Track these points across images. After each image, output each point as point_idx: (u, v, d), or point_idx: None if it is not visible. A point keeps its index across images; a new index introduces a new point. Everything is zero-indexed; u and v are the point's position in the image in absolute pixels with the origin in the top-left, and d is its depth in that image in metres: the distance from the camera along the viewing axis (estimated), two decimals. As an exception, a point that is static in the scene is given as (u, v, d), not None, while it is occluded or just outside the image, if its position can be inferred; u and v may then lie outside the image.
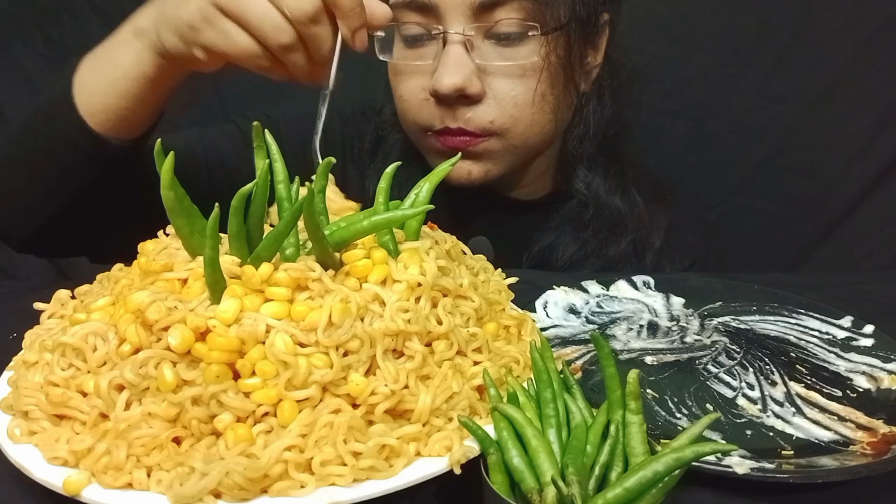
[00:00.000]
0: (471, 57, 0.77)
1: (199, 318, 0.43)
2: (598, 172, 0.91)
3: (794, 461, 0.50)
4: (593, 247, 0.90)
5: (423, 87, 0.81)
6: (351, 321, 0.45)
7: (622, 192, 0.92)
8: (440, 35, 0.78)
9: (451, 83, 0.76)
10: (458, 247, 0.58)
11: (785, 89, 1.18)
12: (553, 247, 0.91)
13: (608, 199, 0.91)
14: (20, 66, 1.27)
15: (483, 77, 0.78)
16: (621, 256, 0.91)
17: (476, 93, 0.78)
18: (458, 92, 0.77)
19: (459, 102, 0.79)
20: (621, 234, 0.91)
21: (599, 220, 0.91)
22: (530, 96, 0.80)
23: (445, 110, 0.80)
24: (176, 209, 0.48)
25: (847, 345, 0.66)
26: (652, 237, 0.93)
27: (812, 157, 1.21)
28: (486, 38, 0.78)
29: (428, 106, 0.81)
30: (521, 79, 0.79)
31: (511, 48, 0.78)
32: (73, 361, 0.47)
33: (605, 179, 0.91)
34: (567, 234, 0.91)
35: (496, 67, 0.79)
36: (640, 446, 0.41)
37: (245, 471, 0.40)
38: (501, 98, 0.79)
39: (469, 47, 0.77)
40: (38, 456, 0.44)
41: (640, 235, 0.92)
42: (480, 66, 0.78)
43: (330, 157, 0.53)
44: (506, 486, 0.40)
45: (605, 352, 0.45)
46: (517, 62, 0.78)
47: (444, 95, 0.78)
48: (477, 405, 0.48)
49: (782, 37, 1.16)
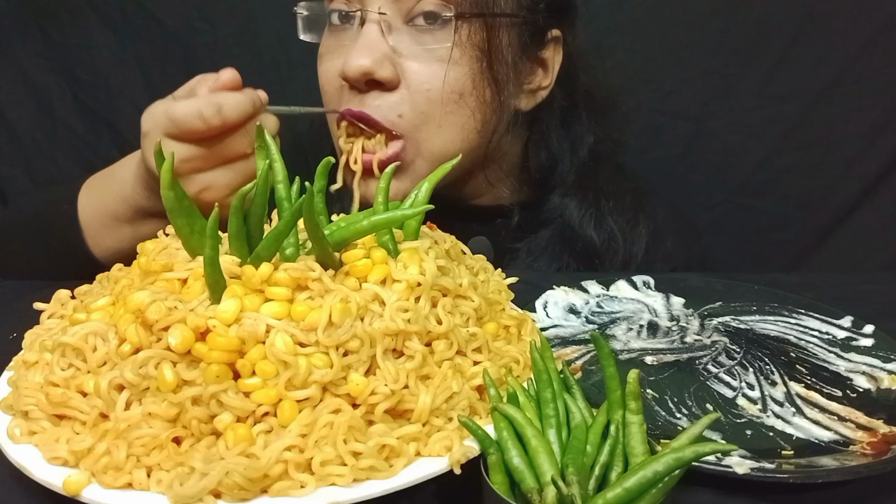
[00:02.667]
0: (385, 39, 0.72)
1: (199, 318, 0.43)
2: (572, 201, 0.88)
3: (794, 461, 0.50)
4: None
5: (338, 73, 0.75)
6: (351, 321, 0.45)
7: (597, 223, 0.88)
8: (357, 14, 0.73)
9: (357, 64, 0.71)
10: (457, 247, 0.58)
11: (785, 89, 1.18)
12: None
13: (581, 230, 0.87)
14: (20, 66, 1.27)
15: (398, 64, 0.73)
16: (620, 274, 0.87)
17: (387, 78, 0.72)
18: (366, 76, 0.72)
19: (372, 89, 0.74)
20: (595, 267, 0.87)
21: (572, 251, 0.87)
22: (443, 92, 0.74)
23: (356, 95, 0.74)
24: (176, 209, 0.48)
25: (847, 345, 0.66)
26: (633, 249, 0.89)
27: (812, 157, 1.21)
28: (405, 23, 0.74)
29: (341, 93, 0.76)
30: (436, 70, 0.74)
31: (428, 35, 0.74)
32: (73, 361, 0.47)
33: (579, 209, 0.87)
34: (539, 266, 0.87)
35: (412, 52, 0.73)
36: (640, 446, 0.41)
37: (245, 471, 0.40)
38: (414, 89, 0.74)
39: (386, 30, 0.72)
40: (38, 456, 0.44)
41: (615, 264, 0.88)
42: (396, 49, 0.73)
43: (329, 157, 0.53)
44: (506, 486, 0.40)
45: (605, 352, 0.45)
46: (436, 48, 0.73)
47: (352, 79, 0.72)
48: (477, 405, 0.48)
49: (782, 37, 1.16)
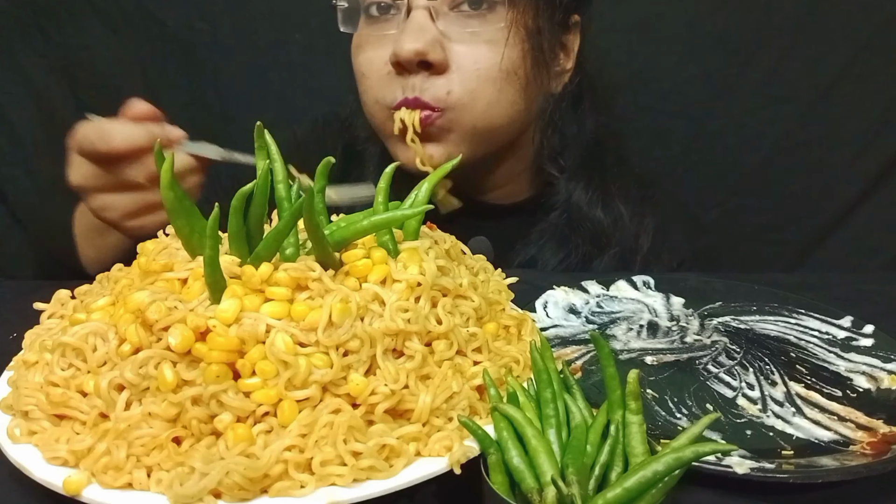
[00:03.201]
0: (435, 24, 0.75)
1: (200, 318, 0.43)
2: (579, 184, 0.88)
3: (794, 461, 0.50)
4: (576, 260, 0.88)
5: (384, 61, 0.77)
6: (351, 321, 0.45)
7: (604, 204, 0.89)
8: (404, 3, 0.75)
9: (412, 47, 0.73)
10: (457, 246, 0.58)
11: (785, 89, 1.18)
12: (534, 260, 0.88)
13: (589, 211, 0.88)
14: (20, 66, 1.27)
15: (447, 47, 0.75)
16: (606, 269, 0.88)
17: (438, 60, 0.74)
18: (419, 57, 0.74)
19: (421, 72, 0.76)
20: (605, 248, 0.88)
21: (581, 233, 0.88)
22: (495, 71, 0.76)
23: (405, 81, 0.76)
24: (176, 209, 0.48)
25: (847, 345, 0.66)
26: (639, 241, 0.90)
27: (812, 157, 1.21)
28: (451, 9, 0.76)
29: (389, 80, 0.78)
30: (486, 51, 0.76)
31: (477, 19, 0.76)
32: (73, 361, 0.47)
33: (586, 192, 0.88)
34: (548, 248, 0.88)
35: (461, 35, 0.76)
36: (640, 446, 0.41)
37: (245, 471, 0.40)
38: (465, 70, 0.76)
39: (434, 15, 0.75)
40: (38, 456, 0.44)
41: (624, 247, 0.89)
42: (445, 33, 0.75)
43: (329, 157, 0.53)
44: (506, 486, 0.40)
45: (605, 352, 0.45)
46: (482, 31, 0.76)
47: (405, 61, 0.74)
48: (477, 405, 0.48)
49: (782, 37, 1.16)
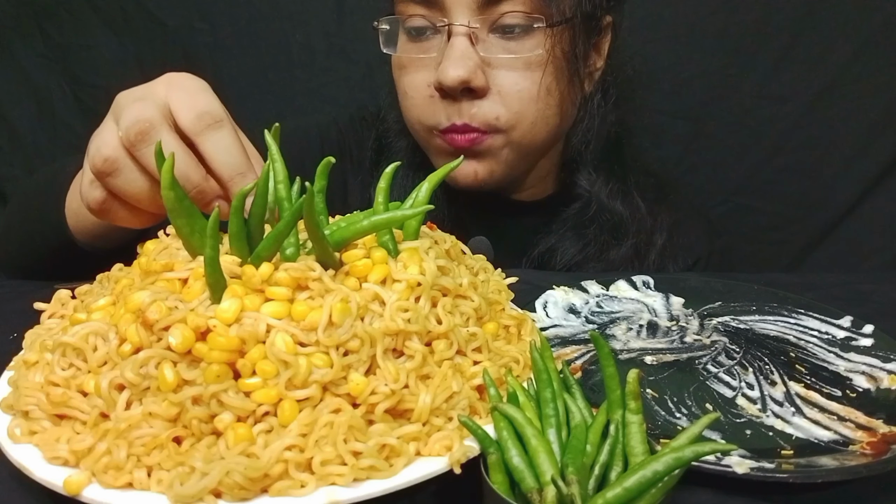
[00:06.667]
0: (475, 50, 0.77)
1: (200, 318, 0.43)
2: (600, 176, 0.91)
3: (794, 461, 0.50)
4: (594, 250, 0.90)
5: (427, 83, 0.80)
6: (351, 321, 0.45)
7: (623, 196, 0.92)
8: (445, 28, 0.77)
9: (456, 75, 0.75)
10: (457, 246, 0.58)
11: (785, 89, 1.18)
12: (553, 250, 0.91)
13: (609, 202, 0.90)
14: (20, 66, 1.27)
15: (487, 71, 0.78)
16: (622, 260, 0.90)
17: (481, 86, 0.77)
18: (463, 84, 0.76)
19: (464, 97, 0.78)
20: (622, 239, 0.91)
21: (600, 223, 0.90)
22: (535, 91, 0.79)
23: (450, 105, 0.80)
24: (176, 209, 0.48)
25: (847, 345, 0.66)
26: (654, 237, 0.93)
27: (812, 157, 1.21)
28: (490, 32, 0.78)
29: (432, 103, 0.81)
30: (525, 73, 0.79)
31: (516, 41, 0.78)
32: (74, 361, 0.47)
33: (606, 183, 0.91)
34: (567, 238, 0.91)
35: (501, 61, 0.78)
36: (640, 446, 0.41)
37: (245, 470, 0.40)
38: (506, 93, 0.79)
39: (474, 40, 0.77)
40: (38, 456, 0.44)
41: (641, 239, 0.91)
42: (485, 59, 0.78)
43: (329, 157, 0.53)
44: (506, 486, 0.40)
45: (604, 352, 0.45)
46: (522, 55, 0.78)
47: (449, 88, 0.77)
48: (477, 405, 0.48)
49: (782, 37, 1.16)
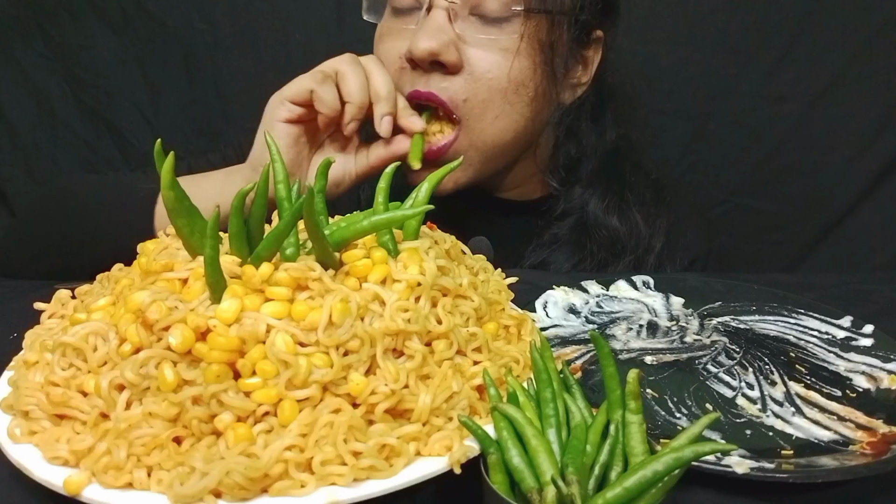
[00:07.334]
0: (452, 26, 0.76)
1: (200, 318, 0.43)
2: (595, 192, 0.90)
3: (794, 461, 0.50)
4: (591, 266, 0.89)
5: (400, 54, 0.79)
6: (351, 321, 0.45)
7: (620, 212, 0.90)
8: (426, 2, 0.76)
9: (426, 46, 0.74)
10: (457, 246, 0.58)
11: (785, 89, 1.18)
12: (545, 263, 0.90)
13: (605, 219, 0.89)
14: (20, 66, 1.27)
15: (462, 49, 0.77)
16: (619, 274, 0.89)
17: (452, 62, 0.76)
18: (433, 57, 0.75)
19: (435, 71, 0.77)
20: (620, 255, 0.89)
21: (597, 240, 0.89)
22: (504, 81, 0.78)
23: (419, 77, 0.78)
24: (176, 209, 0.48)
25: (847, 345, 0.66)
26: (652, 241, 0.91)
27: (812, 157, 1.21)
28: (471, 13, 0.77)
29: (403, 73, 0.79)
30: (500, 61, 0.77)
31: (495, 26, 0.77)
32: (74, 361, 0.47)
33: (602, 199, 0.90)
34: (561, 253, 0.90)
35: (476, 40, 0.77)
36: (640, 446, 0.41)
37: (245, 470, 0.40)
38: (478, 76, 0.77)
39: (452, 16, 0.76)
40: (38, 456, 0.44)
41: (639, 254, 0.90)
42: (461, 36, 0.77)
43: (329, 157, 0.53)
44: (506, 486, 0.40)
45: (604, 352, 0.45)
46: (498, 38, 0.77)
47: (419, 59, 0.76)
48: (477, 405, 0.48)
49: (782, 37, 1.16)
